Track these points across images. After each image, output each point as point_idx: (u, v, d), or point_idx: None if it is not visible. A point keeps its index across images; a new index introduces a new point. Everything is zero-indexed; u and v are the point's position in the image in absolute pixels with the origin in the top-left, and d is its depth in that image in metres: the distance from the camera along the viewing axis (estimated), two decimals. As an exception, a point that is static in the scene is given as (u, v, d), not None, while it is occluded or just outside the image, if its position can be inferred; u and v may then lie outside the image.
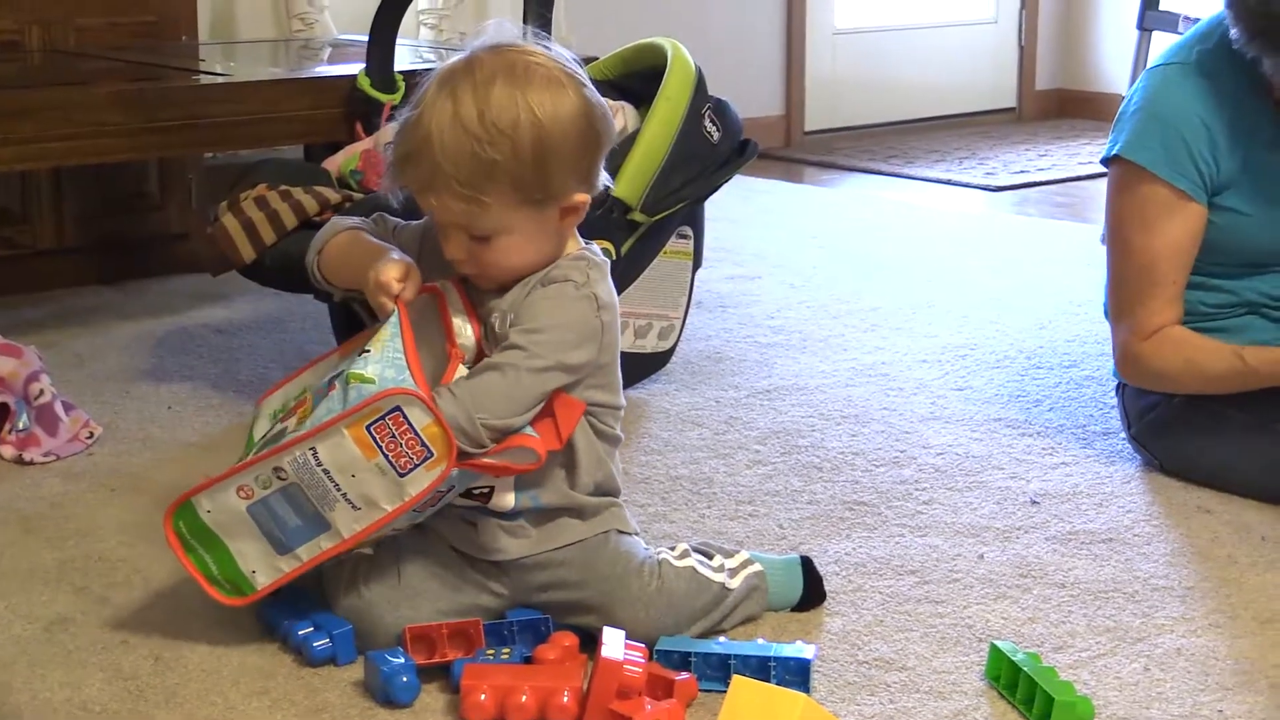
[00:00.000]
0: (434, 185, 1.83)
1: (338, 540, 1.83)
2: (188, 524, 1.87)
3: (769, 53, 5.88)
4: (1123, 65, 5.41)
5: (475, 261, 1.88)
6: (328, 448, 1.79)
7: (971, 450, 2.64)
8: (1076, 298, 3.58)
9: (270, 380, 2.98)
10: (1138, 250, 2.45)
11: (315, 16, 4.42)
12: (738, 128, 2.96)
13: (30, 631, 1.99)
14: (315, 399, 1.88)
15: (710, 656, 1.84)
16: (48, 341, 3.15)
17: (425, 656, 1.85)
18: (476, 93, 1.82)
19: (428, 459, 1.78)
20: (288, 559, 1.85)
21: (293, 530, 1.83)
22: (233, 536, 1.86)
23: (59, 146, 3.05)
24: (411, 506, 1.80)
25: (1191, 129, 2.40)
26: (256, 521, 1.84)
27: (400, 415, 1.78)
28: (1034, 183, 5.23)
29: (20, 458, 2.59)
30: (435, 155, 1.81)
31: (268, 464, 1.82)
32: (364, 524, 1.82)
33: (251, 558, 1.86)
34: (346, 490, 1.80)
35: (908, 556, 2.21)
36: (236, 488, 1.84)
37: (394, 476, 1.79)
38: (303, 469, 1.80)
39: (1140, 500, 2.43)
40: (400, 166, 1.86)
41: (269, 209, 2.81)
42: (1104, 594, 2.10)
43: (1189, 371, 2.42)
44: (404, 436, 1.78)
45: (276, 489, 1.82)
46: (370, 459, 1.79)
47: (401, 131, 1.86)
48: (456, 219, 1.85)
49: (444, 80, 1.85)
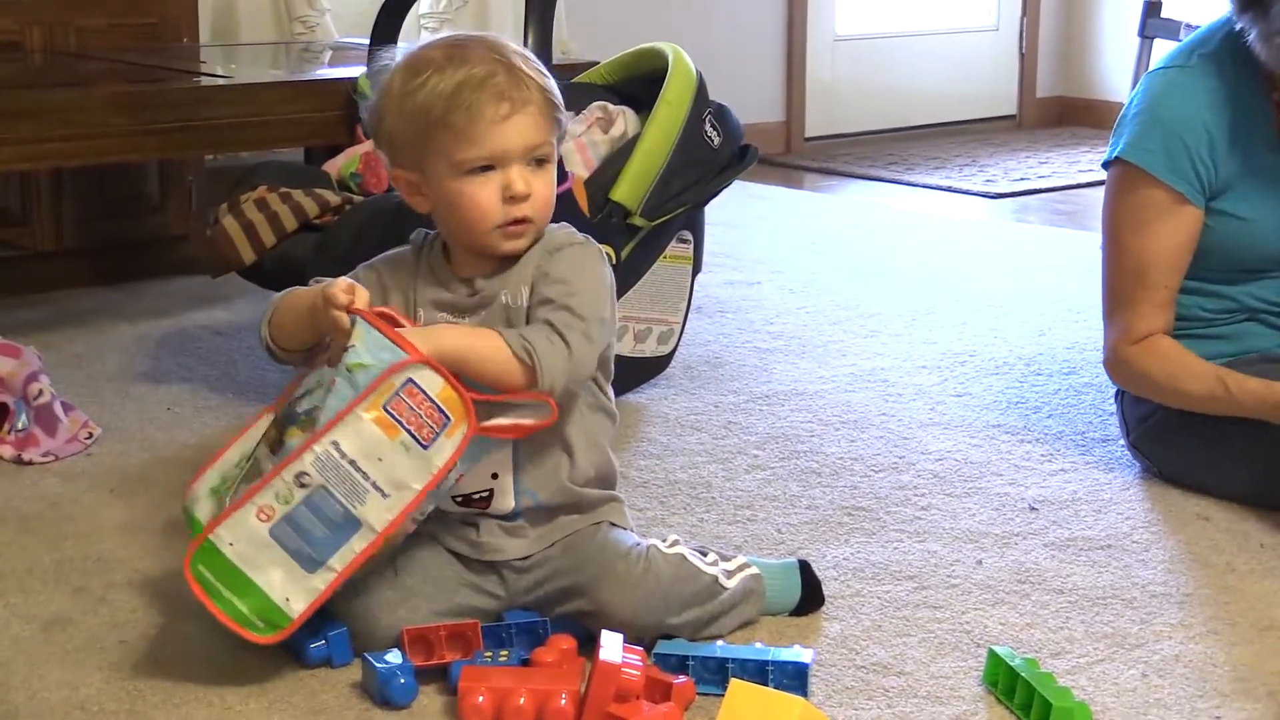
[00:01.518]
0: (527, 104, 1.85)
1: (370, 537, 1.79)
2: (209, 566, 1.79)
3: (770, 58, 5.88)
4: (1124, 73, 5.42)
5: (530, 199, 1.87)
6: (349, 436, 1.77)
7: (970, 456, 2.64)
8: (1076, 305, 3.58)
9: (268, 381, 2.99)
10: (1131, 252, 2.45)
11: (316, 19, 4.42)
12: (738, 133, 2.96)
13: (28, 631, 1.99)
14: (292, 416, 1.85)
15: (708, 660, 1.84)
16: (47, 342, 3.15)
17: (423, 658, 1.85)
18: (500, 40, 1.89)
19: (446, 425, 1.78)
20: (321, 574, 1.79)
21: (321, 541, 1.78)
22: (258, 568, 1.78)
23: (59, 148, 3.05)
24: (440, 479, 1.79)
25: (1192, 132, 2.40)
26: (281, 543, 1.78)
27: (414, 386, 1.77)
28: (1034, 190, 5.23)
29: (19, 458, 2.59)
30: (521, 73, 1.85)
31: (287, 473, 1.77)
32: (396, 511, 1.79)
33: (282, 585, 1.79)
34: (375, 478, 1.77)
35: (906, 562, 2.21)
36: (256, 510, 1.78)
37: (419, 451, 1.78)
38: (327, 466, 1.77)
39: (1139, 507, 2.43)
40: (473, 94, 1.83)
41: (269, 211, 2.81)
42: (1102, 600, 2.10)
43: (1170, 386, 2.42)
44: (422, 407, 1.77)
45: (300, 500, 1.77)
46: (394, 438, 1.77)
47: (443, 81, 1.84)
48: (534, 139, 1.86)
49: (447, 46, 1.88)
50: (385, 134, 1.92)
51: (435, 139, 1.85)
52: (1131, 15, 4.42)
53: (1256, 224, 2.44)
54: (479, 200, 1.87)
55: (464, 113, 1.84)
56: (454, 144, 1.85)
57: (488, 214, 1.87)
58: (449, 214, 1.91)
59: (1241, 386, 2.35)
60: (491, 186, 1.86)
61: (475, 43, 1.88)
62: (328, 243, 2.70)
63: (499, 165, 1.86)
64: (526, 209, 1.88)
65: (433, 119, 1.84)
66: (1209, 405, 2.39)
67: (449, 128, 1.84)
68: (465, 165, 1.86)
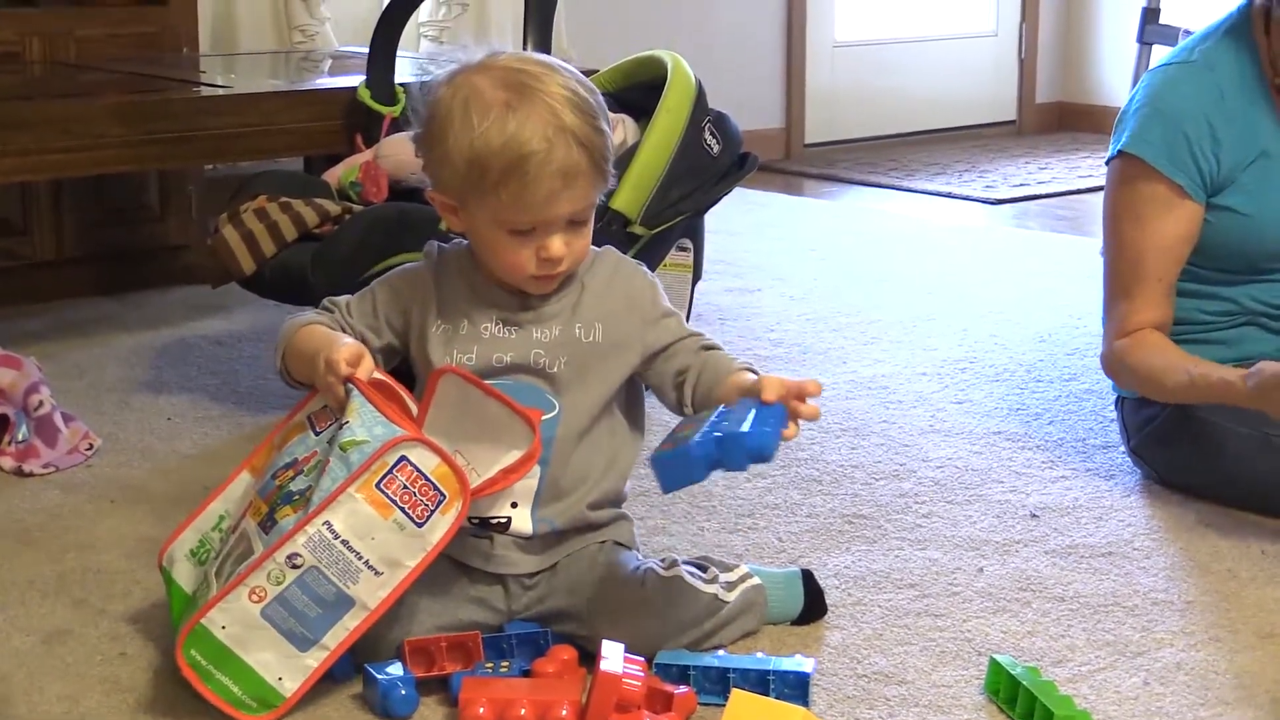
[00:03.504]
0: (579, 176, 1.83)
1: (364, 615, 1.78)
2: (202, 650, 1.76)
3: (769, 65, 5.88)
4: (1123, 78, 5.41)
5: (566, 256, 1.88)
6: (342, 516, 1.76)
7: (971, 464, 2.64)
8: (1076, 311, 3.58)
9: (269, 390, 2.99)
10: (1128, 245, 2.45)
11: (316, 29, 4.42)
12: (738, 140, 2.97)
13: (29, 644, 1.99)
14: (267, 495, 1.85)
15: (709, 670, 1.84)
16: (47, 353, 3.15)
17: (424, 669, 1.85)
18: (555, 76, 1.85)
19: (441, 502, 1.78)
20: (314, 652, 1.77)
21: (314, 621, 1.77)
22: (250, 649, 1.76)
23: (59, 158, 3.06)
24: (434, 557, 1.79)
25: (1195, 125, 2.40)
26: (273, 624, 1.76)
27: (407, 463, 1.77)
28: (1034, 196, 5.23)
29: (20, 469, 2.58)
30: (578, 139, 1.82)
31: (279, 555, 1.76)
32: (389, 588, 1.78)
33: (274, 665, 1.77)
34: (368, 556, 1.76)
35: (907, 570, 2.21)
36: (248, 592, 1.76)
37: (413, 529, 1.77)
38: (319, 547, 1.76)
39: (1140, 514, 2.43)
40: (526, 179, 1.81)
41: (269, 220, 2.81)
42: (1104, 608, 2.10)
43: (1151, 379, 2.42)
44: (416, 484, 1.77)
45: (292, 580, 1.76)
46: (387, 517, 1.76)
47: (488, 152, 1.81)
48: (579, 207, 1.86)
49: (509, 85, 1.83)
50: (435, 160, 1.89)
51: (484, 193, 1.84)
52: (1130, 20, 4.43)
53: (1258, 219, 2.43)
54: (516, 257, 1.88)
55: (517, 184, 1.82)
56: (499, 206, 1.84)
57: (521, 268, 1.89)
58: (483, 250, 1.92)
59: (1204, 378, 2.33)
60: (530, 248, 1.87)
61: (538, 90, 1.84)
62: (327, 252, 2.70)
63: (540, 232, 1.87)
64: (560, 266, 1.89)
65: (487, 178, 1.83)
66: (1181, 397, 2.39)
67: (499, 191, 1.83)
68: (507, 225, 1.86)
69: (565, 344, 1.92)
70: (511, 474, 1.86)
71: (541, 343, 1.92)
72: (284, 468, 1.88)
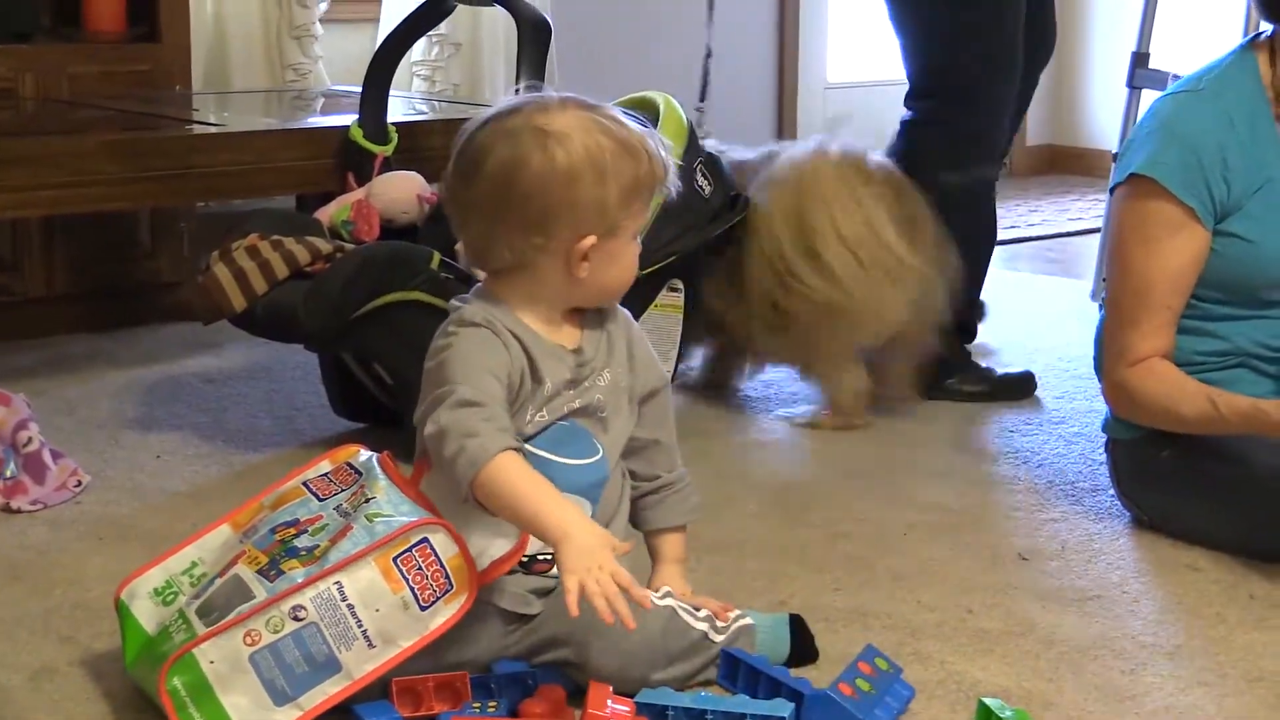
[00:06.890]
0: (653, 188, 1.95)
1: (345, 683, 1.78)
2: (185, 680, 1.76)
3: (761, 106, 5.90)
4: (1113, 122, 5.42)
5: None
6: (354, 580, 1.78)
7: (960, 505, 2.64)
8: (1066, 354, 3.58)
9: (258, 429, 2.98)
10: (1136, 270, 2.44)
11: (309, 67, 4.43)
12: (729, 182, 2.97)
13: (15, 681, 1.98)
14: (270, 545, 1.86)
15: (690, 711, 1.83)
16: (38, 389, 3.15)
17: (411, 709, 1.84)
18: (601, 109, 1.95)
19: (448, 592, 1.80)
20: (286, 709, 1.77)
21: (297, 677, 1.77)
22: (229, 690, 1.77)
23: (51, 195, 3.06)
24: (428, 643, 1.80)
25: (1208, 150, 2.41)
26: (257, 670, 1.76)
27: (427, 546, 1.80)
28: (1025, 238, 5.24)
29: (8, 506, 2.58)
30: (646, 156, 1.92)
31: (285, 604, 1.77)
32: (376, 663, 1.79)
33: (246, 713, 1.76)
34: (368, 626, 1.78)
35: (896, 611, 2.21)
36: (245, 633, 1.77)
37: (416, 611, 1.79)
38: (326, 605, 1.77)
39: (1129, 557, 2.43)
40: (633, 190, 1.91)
41: (260, 258, 2.81)
42: (1092, 651, 2.10)
43: (1164, 409, 2.41)
44: (430, 568, 1.79)
45: (289, 632, 1.76)
46: (396, 592, 1.78)
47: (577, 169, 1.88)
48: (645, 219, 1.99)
49: (600, 116, 1.93)
50: (583, 207, 1.88)
51: (638, 209, 1.93)
52: (1120, 65, 4.44)
53: (1261, 245, 2.43)
54: (635, 260, 1.96)
55: (650, 180, 1.93)
56: (643, 210, 1.94)
57: (634, 269, 1.97)
58: (604, 273, 1.93)
59: (1231, 406, 2.34)
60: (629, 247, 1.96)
61: (604, 107, 1.97)
62: (319, 290, 2.70)
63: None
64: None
65: (641, 195, 1.92)
66: (1202, 426, 2.38)
67: (632, 204, 1.91)
68: (630, 231, 1.94)
69: (611, 388, 1.97)
70: (501, 565, 1.87)
71: (599, 386, 1.96)
72: (284, 525, 1.89)
